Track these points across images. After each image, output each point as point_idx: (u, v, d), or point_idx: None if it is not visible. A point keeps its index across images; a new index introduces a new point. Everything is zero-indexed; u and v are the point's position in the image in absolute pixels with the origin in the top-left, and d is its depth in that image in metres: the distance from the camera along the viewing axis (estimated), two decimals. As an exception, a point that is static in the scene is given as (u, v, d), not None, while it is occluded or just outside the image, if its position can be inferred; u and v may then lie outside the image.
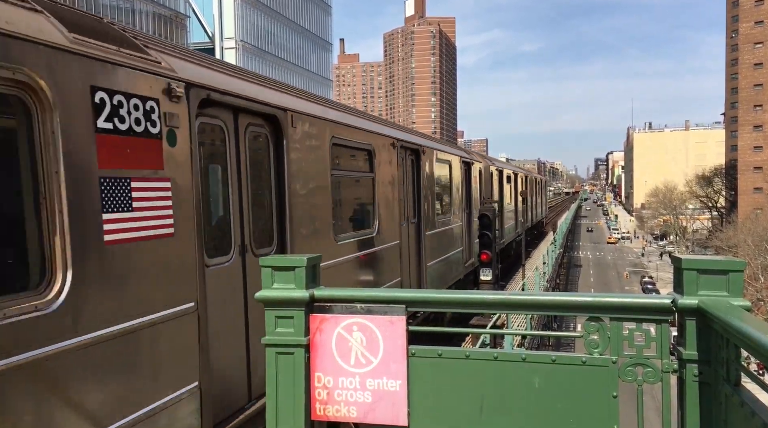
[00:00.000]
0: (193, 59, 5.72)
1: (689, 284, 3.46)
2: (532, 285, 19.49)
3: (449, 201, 15.37)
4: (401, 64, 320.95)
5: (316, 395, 3.92)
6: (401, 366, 3.82)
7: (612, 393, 3.56)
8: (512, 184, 27.01)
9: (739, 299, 3.35)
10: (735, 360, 3.09)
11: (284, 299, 3.86)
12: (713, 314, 3.17)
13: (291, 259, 3.97)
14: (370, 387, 3.86)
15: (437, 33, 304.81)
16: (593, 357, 3.61)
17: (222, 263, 5.76)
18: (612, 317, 3.61)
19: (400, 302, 3.88)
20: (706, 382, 3.40)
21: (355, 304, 3.90)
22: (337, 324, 3.88)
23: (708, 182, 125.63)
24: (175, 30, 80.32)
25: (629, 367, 3.56)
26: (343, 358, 3.88)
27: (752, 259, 59.43)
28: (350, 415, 3.89)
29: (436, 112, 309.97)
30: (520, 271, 24.35)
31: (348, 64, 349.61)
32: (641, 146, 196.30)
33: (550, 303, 4.21)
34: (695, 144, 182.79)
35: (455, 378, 3.80)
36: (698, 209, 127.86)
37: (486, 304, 4.17)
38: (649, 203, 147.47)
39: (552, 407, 3.64)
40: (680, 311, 3.47)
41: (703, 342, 3.41)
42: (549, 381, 3.65)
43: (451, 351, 3.88)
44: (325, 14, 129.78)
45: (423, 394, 3.84)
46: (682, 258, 3.55)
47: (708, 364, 3.39)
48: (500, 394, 3.73)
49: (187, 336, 5.05)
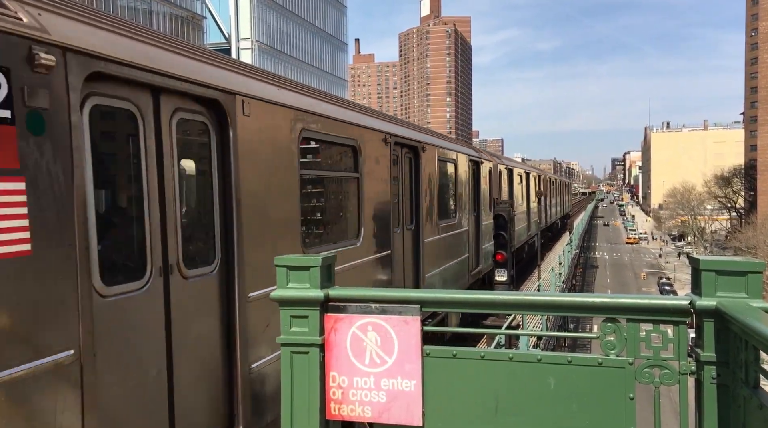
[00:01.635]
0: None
1: (707, 285, 3.42)
2: (548, 286, 19.39)
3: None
4: (416, 63, 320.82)
5: (330, 394, 3.92)
6: (416, 366, 3.82)
7: (629, 394, 3.53)
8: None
9: (759, 301, 3.30)
10: (754, 362, 3.05)
11: (299, 298, 3.87)
12: (732, 315, 3.14)
13: (306, 259, 3.98)
14: (384, 386, 3.86)
15: (452, 32, 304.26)
16: (610, 358, 3.58)
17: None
18: (629, 319, 3.58)
19: (415, 302, 3.87)
20: (724, 384, 3.36)
21: (369, 304, 3.90)
22: (352, 324, 3.89)
23: (727, 183, 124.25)
24: (191, 31, 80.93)
25: (646, 369, 3.53)
26: (357, 358, 3.88)
27: (772, 260, 58.64)
28: (365, 415, 3.89)
29: (452, 112, 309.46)
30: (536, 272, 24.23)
31: (363, 64, 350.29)
32: (659, 145, 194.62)
33: (566, 304, 4.18)
34: (714, 144, 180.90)
35: (470, 378, 3.79)
36: (717, 210, 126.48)
37: (501, 304, 4.15)
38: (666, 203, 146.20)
39: (567, 408, 3.62)
40: (698, 313, 3.44)
41: (721, 344, 3.37)
42: (564, 383, 3.62)
43: (465, 352, 3.86)
44: (341, 14, 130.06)
45: (437, 394, 3.83)
46: (700, 259, 3.51)
47: (726, 366, 3.35)
48: (515, 395, 3.71)
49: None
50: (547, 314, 13.07)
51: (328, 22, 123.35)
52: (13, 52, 3.46)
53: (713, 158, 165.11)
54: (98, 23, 4.27)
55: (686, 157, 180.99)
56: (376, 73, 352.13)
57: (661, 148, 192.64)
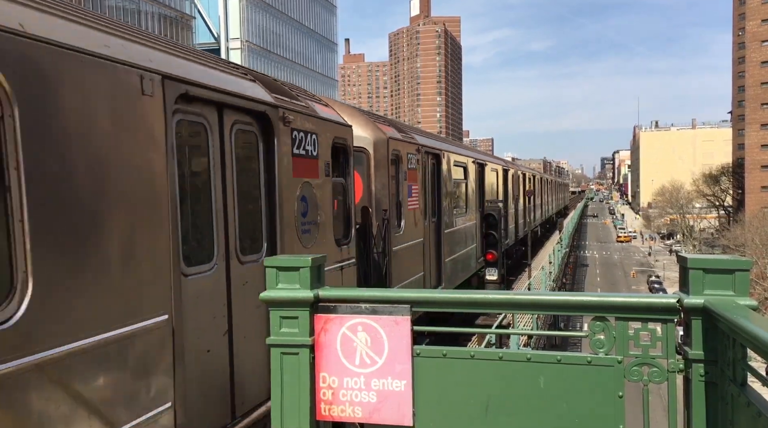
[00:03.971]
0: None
1: (695, 284, 3.44)
2: (538, 285, 19.46)
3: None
4: (406, 63, 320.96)
5: (321, 395, 3.92)
6: (406, 366, 3.82)
7: (618, 392, 3.55)
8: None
9: (746, 299, 3.33)
10: (742, 360, 3.07)
11: (289, 299, 3.87)
12: (719, 313, 3.16)
13: (296, 259, 3.97)
14: (375, 387, 3.85)
15: (442, 32, 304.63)
16: (599, 356, 3.59)
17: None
18: (618, 317, 3.59)
19: (405, 302, 3.87)
20: (713, 382, 3.38)
21: (359, 304, 3.90)
22: (342, 324, 3.88)
23: (715, 181, 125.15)
24: (180, 31, 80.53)
25: (635, 367, 3.54)
26: (348, 358, 3.88)
27: (760, 258, 59.22)
28: (355, 415, 3.88)
29: (442, 111, 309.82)
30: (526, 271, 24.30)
31: (353, 64, 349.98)
32: (648, 144, 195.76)
33: (556, 303, 4.20)
34: (702, 143, 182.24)
35: (460, 378, 3.79)
36: (705, 208, 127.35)
37: (491, 304, 4.16)
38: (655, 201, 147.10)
39: (557, 407, 3.63)
40: (686, 311, 3.46)
41: (709, 342, 3.39)
42: (554, 381, 3.63)
43: (456, 351, 3.87)
44: (330, 14, 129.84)
45: (428, 394, 3.83)
46: (688, 257, 3.53)
47: (714, 364, 3.37)
48: (505, 394, 3.72)
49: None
50: (537, 313, 13.13)
51: (318, 22, 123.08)
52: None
53: (702, 157, 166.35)
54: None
55: (675, 156, 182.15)
56: (366, 73, 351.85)
57: (650, 147, 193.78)
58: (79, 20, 4.02)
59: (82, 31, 3.96)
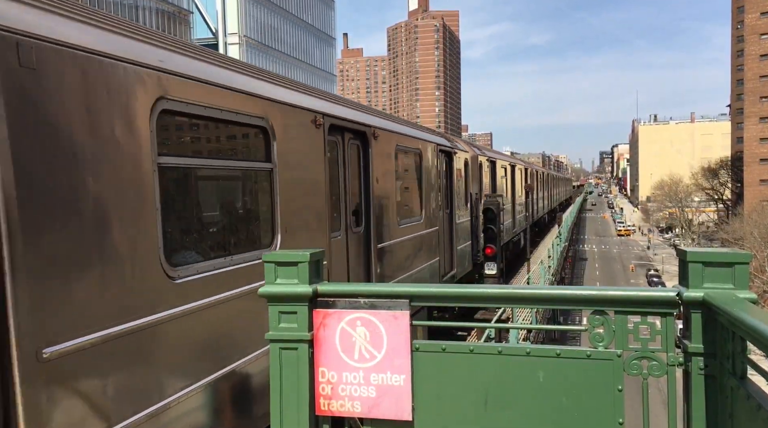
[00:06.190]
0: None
1: (694, 277, 3.43)
2: (537, 279, 19.46)
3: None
4: (405, 58, 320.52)
5: (320, 390, 3.91)
6: (405, 360, 3.81)
7: (617, 386, 3.54)
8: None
9: (745, 292, 3.32)
10: (741, 353, 3.06)
11: (288, 294, 3.86)
12: (719, 306, 3.15)
13: (294, 254, 3.95)
14: (374, 381, 3.85)
15: (441, 27, 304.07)
16: (598, 350, 3.59)
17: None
18: (617, 311, 3.58)
19: (404, 296, 3.86)
20: (712, 375, 3.38)
21: (358, 299, 3.89)
22: (341, 319, 3.87)
23: (714, 175, 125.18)
24: (178, 26, 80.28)
25: (634, 360, 3.54)
26: (347, 353, 3.87)
27: (759, 251, 59.28)
28: (354, 410, 3.88)
29: (441, 106, 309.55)
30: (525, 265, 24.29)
31: (352, 59, 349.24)
32: (646, 138, 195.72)
33: (555, 297, 4.19)
34: (701, 136, 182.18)
35: (459, 372, 3.79)
36: (704, 202, 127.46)
37: (490, 298, 4.15)
38: (654, 195, 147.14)
39: (557, 401, 3.63)
40: (685, 304, 3.45)
41: (708, 335, 3.38)
42: (554, 375, 3.63)
43: (455, 346, 3.86)
44: (329, 9, 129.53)
45: (427, 389, 3.83)
46: (687, 251, 3.52)
47: (714, 357, 3.37)
48: (505, 388, 3.71)
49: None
50: (536, 307, 13.12)
51: (317, 16, 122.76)
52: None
53: (700, 151, 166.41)
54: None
55: (674, 149, 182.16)
56: (364, 67, 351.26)
57: (649, 141, 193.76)
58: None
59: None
